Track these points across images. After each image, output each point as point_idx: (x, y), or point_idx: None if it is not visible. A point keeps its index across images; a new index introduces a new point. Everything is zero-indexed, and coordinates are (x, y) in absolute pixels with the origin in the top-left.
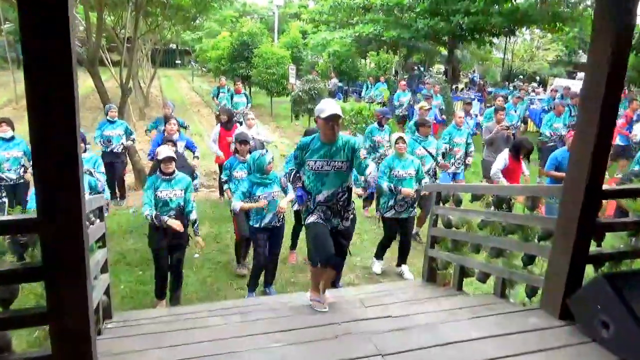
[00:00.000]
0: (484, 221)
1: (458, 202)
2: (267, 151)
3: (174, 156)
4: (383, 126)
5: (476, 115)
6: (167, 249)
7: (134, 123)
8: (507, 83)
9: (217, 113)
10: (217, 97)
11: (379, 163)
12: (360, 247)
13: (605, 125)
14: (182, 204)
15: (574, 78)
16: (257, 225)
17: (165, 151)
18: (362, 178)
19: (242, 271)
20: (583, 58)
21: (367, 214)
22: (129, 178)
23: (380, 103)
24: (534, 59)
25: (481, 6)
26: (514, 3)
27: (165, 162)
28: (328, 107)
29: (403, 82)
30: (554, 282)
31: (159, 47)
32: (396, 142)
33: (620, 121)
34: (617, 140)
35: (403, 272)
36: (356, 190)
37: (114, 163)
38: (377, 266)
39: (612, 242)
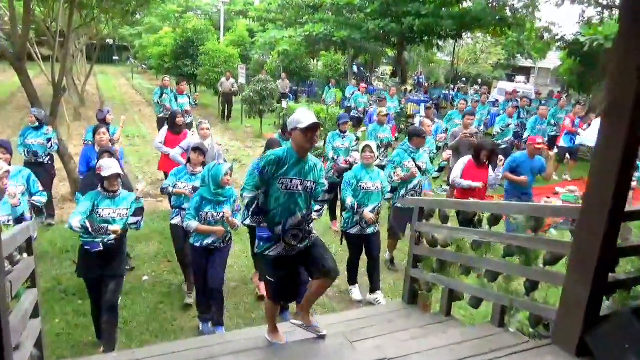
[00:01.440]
0: (477, 241)
1: (444, 219)
2: (225, 161)
3: (121, 172)
4: (345, 132)
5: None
6: (100, 279)
7: (68, 124)
8: (452, 85)
9: (160, 116)
10: (160, 99)
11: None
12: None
13: (632, 144)
14: (124, 228)
15: (512, 81)
16: (198, 245)
17: (110, 166)
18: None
19: (189, 300)
20: (521, 62)
21: (336, 227)
22: (64, 188)
23: (330, 105)
24: (477, 62)
25: (432, 9)
26: (461, 7)
27: (112, 180)
28: (305, 116)
29: (363, 85)
30: (570, 315)
31: (95, 42)
32: (362, 151)
33: (567, 123)
34: (562, 142)
35: (379, 300)
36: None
37: (38, 174)
38: (357, 293)
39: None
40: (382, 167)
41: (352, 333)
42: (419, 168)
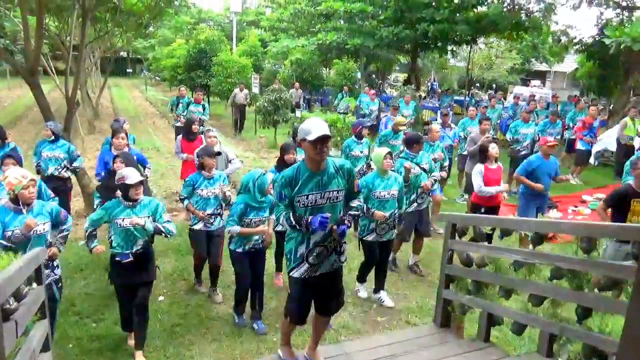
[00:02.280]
0: (519, 262)
1: (481, 237)
2: (266, 171)
3: (143, 179)
4: (362, 138)
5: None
6: (132, 286)
7: (83, 138)
8: (467, 91)
9: (177, 125)
10: (176, 108)
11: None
12: (349, 278)
13: None
14: (156, 227)
15: (528, 85)
16: (240, 250)
17: (134, 175)
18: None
19: (201, 289)
20: (536, 66)
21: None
22: (78, 203)
23: (345, 113)
24: (492, 67)
25: (446, 14)
26: (476, 11)
27: (136, 188)
28: (315, 127)
29: (372, 91)
30: (636, 350)
31: (109, 55)
32: (384, 158)
33: (578, 125)
34: (579, 145)
35: (382, 299)
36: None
37: (56, 189)
38: (363, 291)
39: None
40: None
41: None
42: (423, 170)
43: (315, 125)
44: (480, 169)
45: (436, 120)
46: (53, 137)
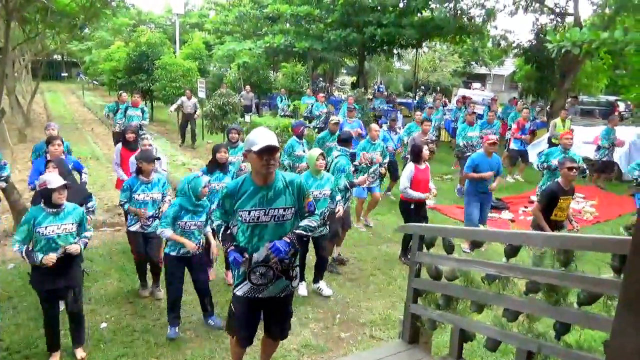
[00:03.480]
0: (492, 275)
1: (450, 249)
2: (202, 173)
3: (67, 183)
4: (302, 138)
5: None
6: (56, 293)
7: (12, 148)
8: (412, 94)
9: (115, 131)
10: (114, 114)
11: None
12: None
13: None
14: (73, 242)
15: (469, 87)
16: (174, 254)
17: (56, 179)
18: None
19: (144, 293)
20: (476, 69)
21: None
22: (6, 222)
23: (289, 116)
24: (436, 70)
25: (392, 19)
26: (420, 16)
27: (59, 192)
28: (261, 137)
29: (321, 94)
30: None
31: (40, 58)
32: (317, 159)
33: (513, 127)
34: (512, 145)
35: (321, 288)
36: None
37: None
38: (303, 288)
39: None
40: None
41: None
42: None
43: (261, 135)
44: (411, 169)
45: (386, 123)
46: None
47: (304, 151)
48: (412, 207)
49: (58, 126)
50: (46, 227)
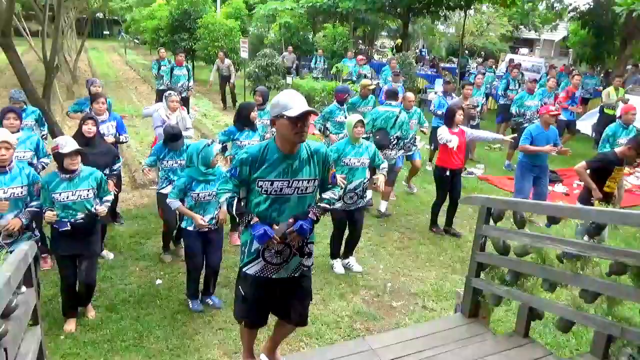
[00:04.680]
0: (570, 254)
1: (521, 224)
2: (213, 141)
3: (81, 149)
4: (343, 105)
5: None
6: (73, 257)
7: (62, 104)
8: (457, 59)
9: (160, 88)
10: (158, 73)
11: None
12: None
13: None
14: (90, 208)
15: (516, 53)
16: (191, 228)
17: (69, 143)
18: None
19: (166, 258)
20: (524, 34)
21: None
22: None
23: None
24: (482, 34)
25: None
26: None
27: (72, 157)
28: (295, 101)
29: (362, 57)
30: None
31: (85, 15)
32: (354, 126)
33: (561, 95)
34: (561, 116)
35: (351, 264)
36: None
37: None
38: (339, 266)
39: None
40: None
41: None
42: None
43: (294, 99)
44: (445, 129)
45: (433, 88)
46: (21, 105)
47: (345, 117)
48: (448, 173)
49: (102, 82)
50: (60, 194)
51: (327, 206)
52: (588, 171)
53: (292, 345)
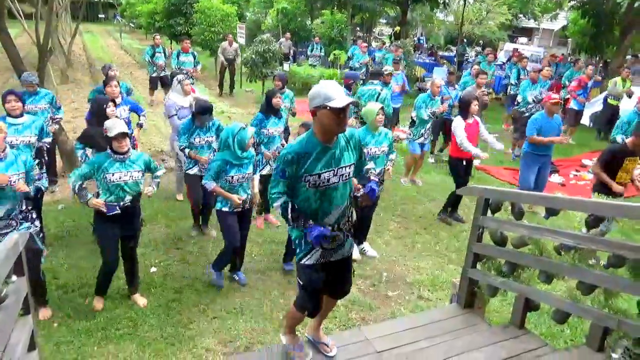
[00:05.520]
0: (568, 246)
1: (519, 215)
2: (246, 125)
3: (128, 131)
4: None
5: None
6: (118, 238)
7: (56, 88)
8: (455, 47)
9: (153, 75)
10: (152, 58)
11: None
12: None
13: None
14: (139, 190)
15: (515, 42)
16: (227, 209)
17: (117, 125)
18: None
19: (194, 232)
20: (524, 22)
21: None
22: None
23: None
24: (482, 22)
25: None
26: None
27: (119, 140)
28: (336, 92)
29: (364, 44)
30: None
31: None
32: (377, 114)
33: (573, 84)
34: (572, 105)
35: (365, 249)
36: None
37: (40, 148)
38: (371, 250)
39: None
40: None
41: (416, 355)
42: None
43: (336, 90)
44: (461, 122)
45: (429, 75)
46: (34, 89)
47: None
48: (464, 163)
49: (116, 67)
50: (113, 174)
51: (375, 171)
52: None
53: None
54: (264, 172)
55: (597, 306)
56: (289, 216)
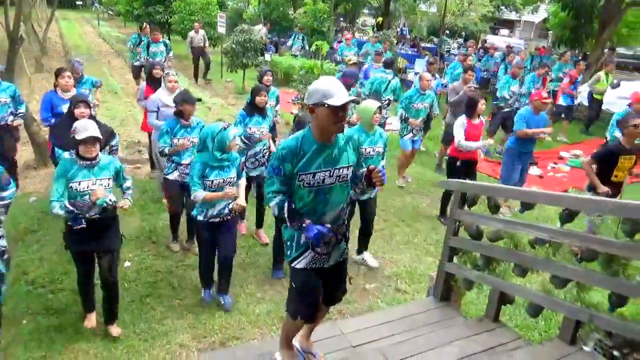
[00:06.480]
0: (542, 239)
1: (495, 208)
2: (229, 124)
3: (99, 136)
4: (349, 90)
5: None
6: (93, 253)
7: (29, 77)
8: (437, 39)
9: (135, 64)
10: (137, 47)
11: None
12: None
13: None
14: (109, 200)
15: (496, 34)
16: (202, 218)
17: (88, 127)
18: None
19: (174, 246)
20: (505, 14)
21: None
22: (26, 153)
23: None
24: (464, 13)
25: None
26: None
27: (87, 144)
28: (337, 89)
29: (349, 35)
30: None
31: None
32: (374, 113)
33: (565, 81)
34: (561, 100)
35: (365, 259)
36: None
37: (1, 141)
38: (371, 259)
39: None
40: None
41: (391, 350)
42: None
43: (336, 86)
44: (463, 122)
45: (412, 68)
46: None
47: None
48: (459, 164)
49: (83, 62)
50: (80, 182)
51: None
52: (594, 166)
53: (263, 330)
54: (254, 173)
55: (570, 300)
56: (285, 215)
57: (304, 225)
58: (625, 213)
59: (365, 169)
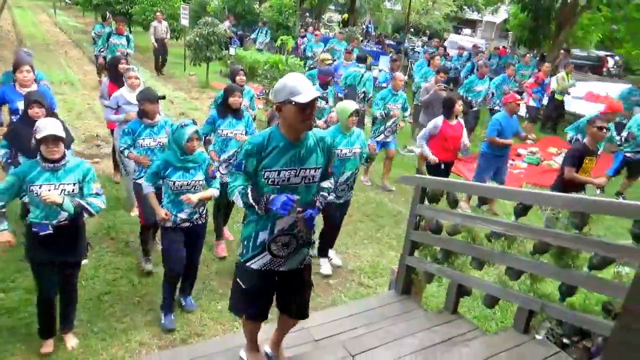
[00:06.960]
0: (498, 233)
1: (454, 203)
2: (192, 121)
3: (61, 135)
4: (327, 89)
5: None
6: (52, 265)
7: None
8: (401, 37)
9: (97, 55)
10: (98, 39)
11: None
12: None
13: None
14: (78, 205)
15: (459, 33)
16: (170, 224)
17: (49, 126)
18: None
19: (147, 267)
20: (468, 14)
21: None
22: None
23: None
24: (428, 12)
25: None
26: None
27: (48, 143)
28: (303, 85)
29: (318, 32)
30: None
31: None
32: (350, 115)
33: (530, 81)
34: (531, 102)
35: (331, 257)
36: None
37: None
38: (326, 267)
39: None
40: None
41: (352, 343)
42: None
43: (302, 83)
44: (438, 124)
45: (376, 64)
46: None
47: (326, 103)
48: (443, 167)
49: (31, 52)
50: (40, 186)
51: (327, 195)
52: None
53: (225, 326)
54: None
55: (524, 290)
56: (250, 199)
57: (269, 199)
58: (574, 207)
59: (326, 185)
